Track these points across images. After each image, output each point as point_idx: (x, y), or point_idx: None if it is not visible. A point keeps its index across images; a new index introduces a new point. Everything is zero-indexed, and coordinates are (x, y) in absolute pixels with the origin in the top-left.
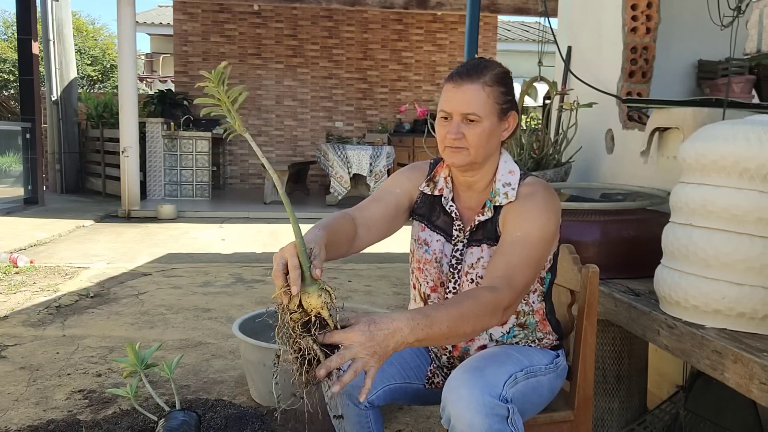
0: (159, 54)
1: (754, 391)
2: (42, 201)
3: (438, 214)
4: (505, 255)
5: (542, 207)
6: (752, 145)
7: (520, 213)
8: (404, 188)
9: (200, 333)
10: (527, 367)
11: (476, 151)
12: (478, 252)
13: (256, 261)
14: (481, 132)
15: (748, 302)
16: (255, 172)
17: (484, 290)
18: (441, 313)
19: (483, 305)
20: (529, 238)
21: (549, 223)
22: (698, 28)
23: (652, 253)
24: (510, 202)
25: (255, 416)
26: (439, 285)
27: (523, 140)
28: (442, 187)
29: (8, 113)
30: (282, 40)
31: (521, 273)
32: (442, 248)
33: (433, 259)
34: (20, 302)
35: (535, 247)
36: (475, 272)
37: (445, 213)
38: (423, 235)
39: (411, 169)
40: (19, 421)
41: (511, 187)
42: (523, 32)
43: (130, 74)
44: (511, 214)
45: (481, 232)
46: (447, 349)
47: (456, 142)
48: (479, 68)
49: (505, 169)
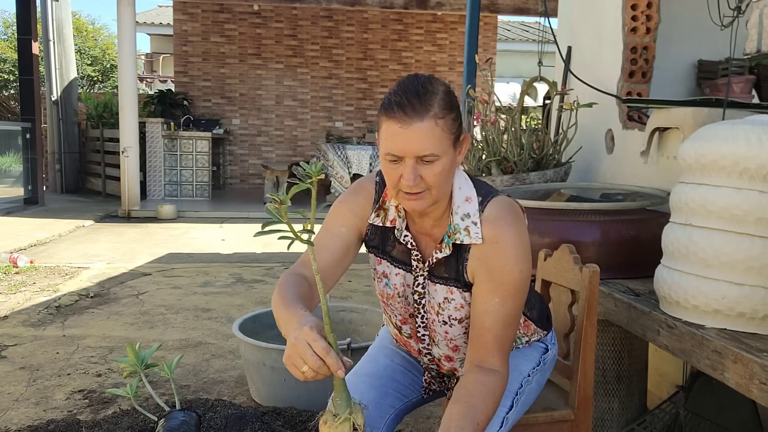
0: (159, 54)
1: (754, 391)
2: (42, 201)
3: (392, 245)
4: (490, 329)
5: (512, 257)
6: (752, 145)
7: (490, 273)
8: (350, 225)
9: (200, 333)
10: (515, 396)
11: (438, 191)
12: (445, 292)
13: (256, 261)
14: (441, 170)
15: (748, 302)
16: (255, 172)
17: (489, 380)
18: None
19: (494, 398)
20: (507, 301)
21: (521, 273)
22: (698, 28)
23: (652, 253)
24: (475, 244)
25: (255, 416)
26: (408, 317)
27: (523, 140)
28: (394, 218)
29: (8, 113)
30: (282, 40)
31: (509, 338)
32: (403, 281)
33: (395, 294)
34: (20, 302)
35: (513, 306)
36: (446, 314)
37: (400, 243)
38: (380, 268)
39: (354, 197)
40: (19, 421)
41: (471, 221)
42: (523, 32)
43: (130, 74)
44: (481, 273)
45: (444, 270)
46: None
47: (414, 188)
48: (424, 99)
49: (460, 198)
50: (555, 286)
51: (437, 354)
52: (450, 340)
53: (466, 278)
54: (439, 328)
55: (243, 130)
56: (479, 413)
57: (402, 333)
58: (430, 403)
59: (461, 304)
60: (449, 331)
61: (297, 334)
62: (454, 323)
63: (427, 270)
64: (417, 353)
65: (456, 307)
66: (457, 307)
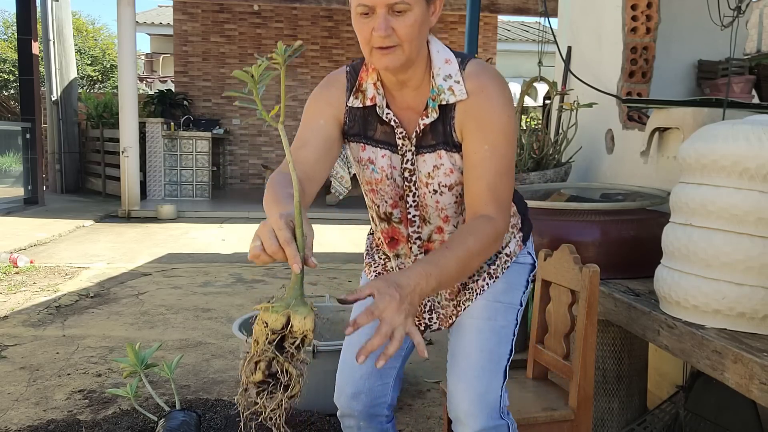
0: (159, 54)
1: (754, 391)
2: (42, 201)
3: (374, 127)
4: (482, 177)
5: (499, 103)
6: (752, 145)
7: (478, 121)
8: (328, 116)
9: (200, 333)
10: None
11: (410, 46)
12: (434, 159)
13: None
14: (413, 23)
15: (748, 302)
16: (255, 172)
17: (481, 222)
18: (448, 258)
19: (486, 239)
20: (498, 148)
21: (510, 119)
22: (698, 28)
23: (652, 253)
24: (460, 100)
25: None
26: (398, 200)
27: (523, 140)
28: (374, 95)
29: (8, 113)
30: (282, 40)
31: (504, 188)
32: (390, 162)
33: (384, 177)
34: (20, 302)
35: (505, 154)
36: (436, 181)
37: (382, 123)
38: (365, 155)
39: (327, 89)
40: (19, 421)
41: (454, 80)
42: (523, 32)
43: (130, 74)
44: (469, 124)
45: (431, 137)
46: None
47: (386, 40)
48: None
49: (440, 59)
50: (555, 286)
51: (426, 234)
52: (441, 210)
53: (454, 138)
54: (430, 200)
55: (243, 130)
56: (469, 241)
57: (392, 221)
58: (430, 404)
59: (450, 168)
60: (440, 200)
61: (266, 222)
62: (444, 191)
63: (414, 144)
64: (405, 240)
65: (445, 172)
66: (447, 172)
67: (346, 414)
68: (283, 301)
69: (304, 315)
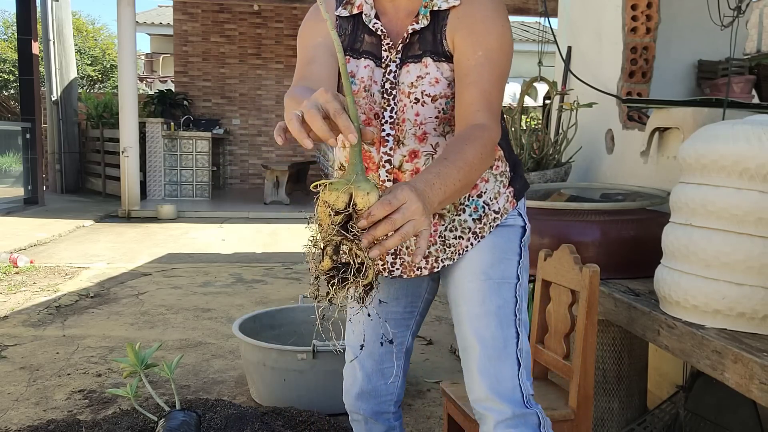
0: (159, 54)
1: (754, 391)
2: (42, 201)
3: (361, 38)
4: (475, 83)
5: (493, 9)
6: (752, 145)
7: (472, 27)
8: (325, 33)
9: (200, 333)
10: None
11: None
12: (419, 68)
13: (256, 261)
14: None
15: (748, 302)
16: (255, 172)
17: (475, 130)
18: (449, 168)
19: (482, 148)
20: (492, 54)
21: (504, 27)
22: (698, 28)
23: (652, 253)
24: (453, 6)
25: (255, 416)
26: (372, 117)
27: (523, 140)
28: (361, 3)
29: (8, 113)
30: (282, 40)
31: (496, 97)
32: (371, 74)
33: (361, 89)
34: (20, 302)
35: (499, 63)
36: (419, 90)
37: (369, 33)
38: (348, 68)
39: (315, 10)
40: (19, 421)
41: None
42: (523, 32)
43: (130, 74)
44: (461, 30)
45: (419, 46)
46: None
47: None
48: None
49: None
50: (555, 286)
51: (398, 160)
52: (420, 126)
53: (444, 46)
54: (409, 111)
55: (243, 130)
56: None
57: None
58: (430, 404)
59: (436, 78)
60: (421, 112)
61: (309, 96)
62: (427, 101)
63: (400, 53)
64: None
65: (430, 81)
66: (432, 81)
67: (353, 411)
68: (344, 179)
69: (367, 191)
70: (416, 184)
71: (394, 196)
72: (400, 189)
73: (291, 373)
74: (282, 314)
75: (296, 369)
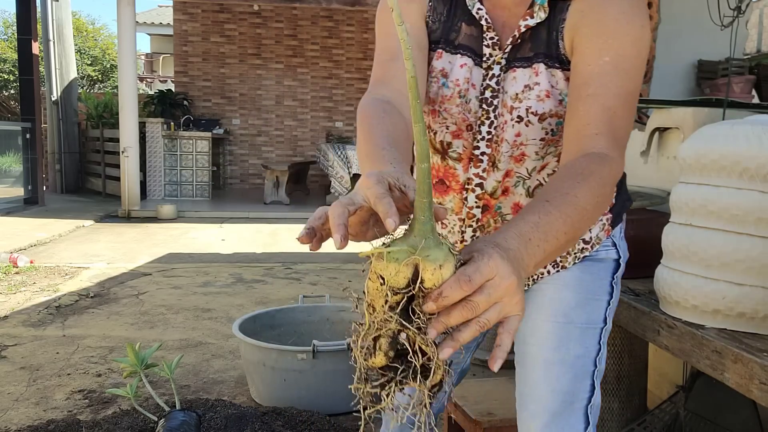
0: (159, 54)
1: (754, 391)
2: (42, 201)
3: (458, 28)
4: (596, 97)
5: (631, 5)
6: (752, 145)
7: (599, 24)
8: (414, 14)
9: (200, 333)
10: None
11: None
12: (528, 75)
13: (256, 261)
14: None
15: (748, 302)
16: (255, 172)
17: (591, 162)
18: (552, 216)
19: (601, 186)
20: (623, 62)
21: (644, 30)
22: (698, 28)
23: (652, 253)
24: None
25: (255, 416)
26: (465, 129)
27: None
28: None
29: (8, 113)
30: (282, 40)
31: (622, 118)
32: (468, 75)
33: (455, 94)
34: (20, 302)
35: (631, 75)
36: (524, 106)
37: (468, 21)
38: (439, 64)
39: None
40: (19, 421)
41: None
42: None
43: (130, 74)
44: (585, 28)
45: (531, 46)
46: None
47: None
48: None
49: None
50: None
51: (492, 185)
52: (519, 146)
53: (560, 49)
54: (509, 130)
55: (243, 130)
56: (580, 194)
57: (448, 155)
58: None
59: (547, 90)
60: (522, 132)
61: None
62: (533, 120)
63: (507, 54)
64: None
65: (539, 95)
66: (541, 95)
67: None
68: (406, 242)
69: (440, 262)
70: (507, 244)
71: (477, 270)
72: (487, 256)
73: (291, 373)
74: (282, 314)
75: (296, 369)
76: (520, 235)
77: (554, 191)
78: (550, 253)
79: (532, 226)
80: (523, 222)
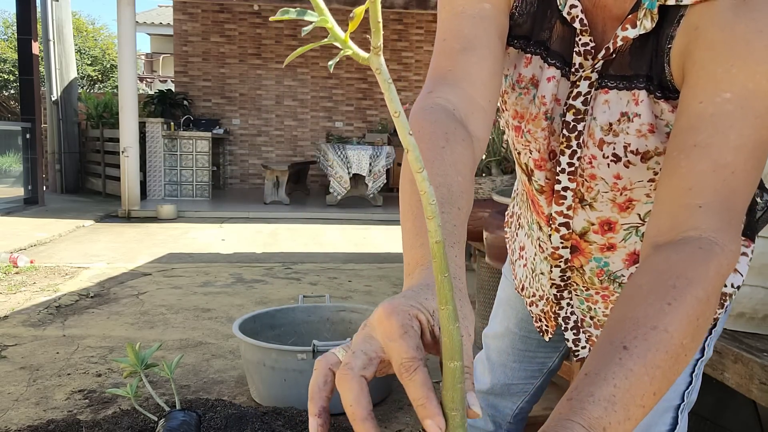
0: (159, 54)
1: (754, 391)
2: (42, 201)
3: (548, 27)
4: (709, 148)
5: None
6: None
7: (723, 45)
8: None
9: (200, 333)
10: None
11: None
12: (625, 101)
13: (256, 261)
14: None
15: (748, 302)
16: (255, 172)
17: (694, 258)
18: (636, 377)
19: (704, 304)
20: (751, 100)
21: None
22: None
23: None
24: (696, 1)
25: (255, 416)
26: (548, 158)
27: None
28: None
29: (8, 113)
30: (282, 40)
31: (744, 183)
32: (555, 91)
33: (541, 114)
34: (20, 302)
35: (763, 119)
36: (620, 141)
37: (561, 22)
38: (528, 72)
39: None
40: (19, 421)
41: None
42: None
43: (130, 74)
44: (700, 52)
45: (630, 62)
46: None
47: None
48: None
49: None
50: None
51: (580, 225)
52: (622, 191)
53: (666, 74)
54: (603, 169)
55: (243, 130)
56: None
57: (532, 181)
58: None
59: (650, 124)
60: (624, 175)
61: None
62: (634, 160)
63: (599, 68)
64: (546, 221)
65: (639, 128)
66: (642, 129)
67: None
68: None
69: None
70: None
71: None
72: None
73: (291, 373)
74: (282, 314)
75: (296, 369)
76: (601, 412)
77: (634, 325)
78: (637, 417)
79: (612, 389)
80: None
